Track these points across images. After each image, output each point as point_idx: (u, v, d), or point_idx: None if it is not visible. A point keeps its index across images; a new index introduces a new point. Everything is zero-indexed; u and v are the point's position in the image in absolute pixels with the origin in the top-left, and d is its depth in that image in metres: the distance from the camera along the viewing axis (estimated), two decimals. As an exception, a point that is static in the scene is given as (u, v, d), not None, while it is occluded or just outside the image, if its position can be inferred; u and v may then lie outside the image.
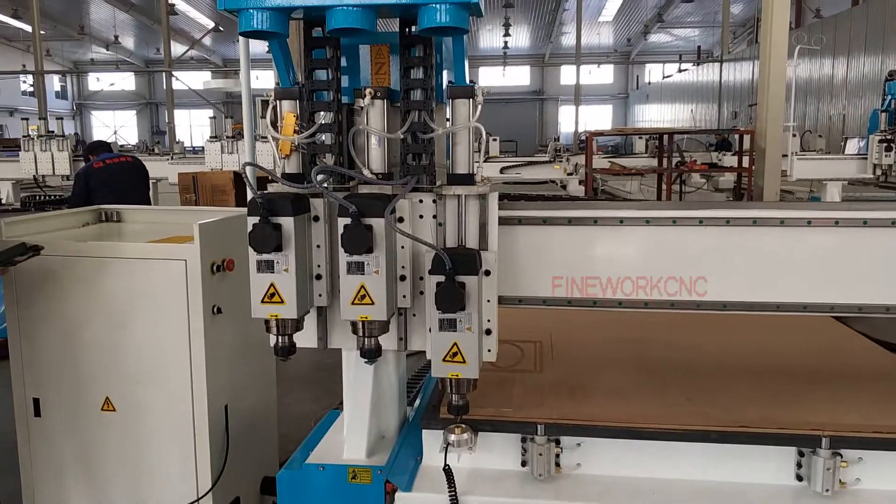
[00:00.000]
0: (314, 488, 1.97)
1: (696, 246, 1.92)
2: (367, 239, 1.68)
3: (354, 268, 1.71)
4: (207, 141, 9.85)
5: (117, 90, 37.03)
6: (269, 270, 1.73)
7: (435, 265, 1.69)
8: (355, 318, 1.75)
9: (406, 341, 1.92)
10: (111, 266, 2.72)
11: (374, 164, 1.80)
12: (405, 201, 1.78)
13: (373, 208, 1.69)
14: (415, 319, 1.89)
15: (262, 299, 1.76)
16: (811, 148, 12.12)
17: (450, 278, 1.67)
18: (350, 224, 1.68)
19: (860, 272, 1.89)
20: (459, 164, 1.76)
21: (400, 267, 1.81)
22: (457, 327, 1.70)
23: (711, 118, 27.13)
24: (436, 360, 1.73)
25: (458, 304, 1.67)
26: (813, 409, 1.92)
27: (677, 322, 2.67)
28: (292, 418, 4.31)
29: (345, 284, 1.73)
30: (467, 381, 1.76)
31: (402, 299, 1.82)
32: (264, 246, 1.71)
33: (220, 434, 2.80)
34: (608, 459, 1.87)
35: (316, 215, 1.82)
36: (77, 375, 2.81)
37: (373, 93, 1.76)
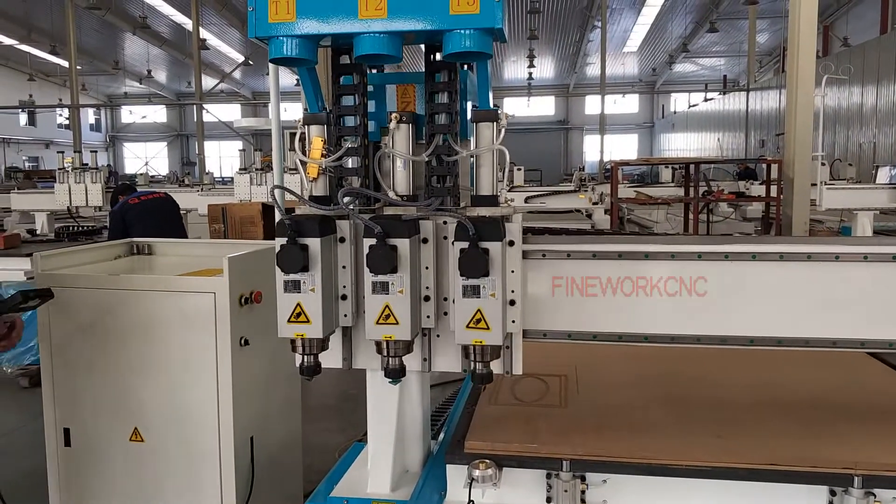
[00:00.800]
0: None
1: (723, 280, 1.90)
2: (391, 259, 1.71)
3: (379, 287, 1.74)
4: (237, 173, 10.04)
5: (149, 122, 38.04)
6: (295, 290, 1.77)
7: (458, 232, 1.71)
8: (380, 338, 1.78)
9: (430, 362, 1.93)
10: (142, 298, 2.78)
11: (400, 187, 1.85)
12: (429, 223, 1.81)
13: (398, 229, 1.73)
14: (439, 340, 1.91)
15: (289, 319, 1.79)
16: (841, 177, 11.94)
17: (473, 244, 1.68)
18: (375, 244, 1.72)
19: (891, 308, 1.85)
20: (483, 186, 1.80)
21: (424, 287, 1.83)
22: (480, 294, 1.71)
23: (738, 147, 26.92)
24: (459, 327, 1.74)
25: (481, 269, 1.68)
26: (845, 446, 1.88)
27: (705, 356, 2.64)
28: (317, 449, 4.31)
29: (369, 304, 1.76)
30: (491, 348, 1.76)
31: (427, 319, 1.84)
32: (291, 266, 1.74)
33: (246, 465, 2.82)
34: (635, 496, 1.85)
35: (342, 237, 1.85)
36: (107, 406, 2.86)
37: (398, 117, 1.81)
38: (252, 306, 2.81)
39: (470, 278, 1.70)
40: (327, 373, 6.49)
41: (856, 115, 19.25)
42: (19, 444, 4.92)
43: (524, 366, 2.56)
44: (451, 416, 2.37)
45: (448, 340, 1.88)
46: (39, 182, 14.35)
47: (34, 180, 15.12)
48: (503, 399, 2.30)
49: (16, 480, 4.34)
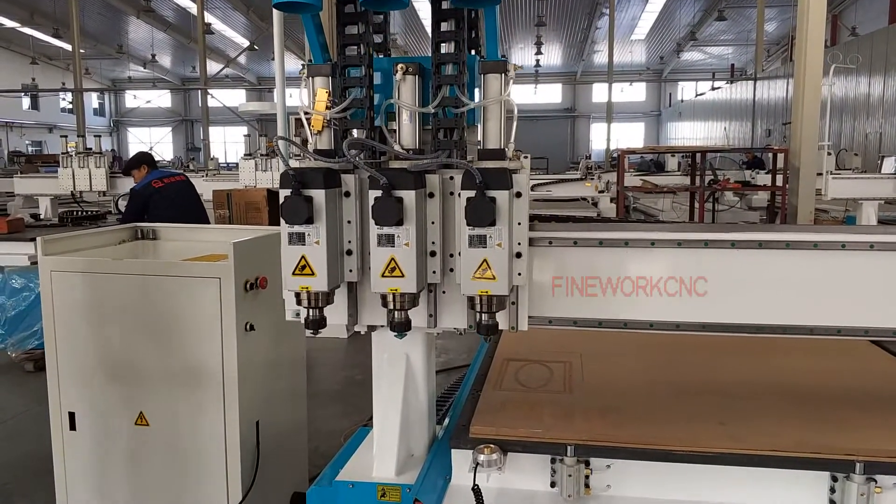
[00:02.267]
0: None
1: (729, 268, 1.91)
2: (397, 211, 1.69)
3: (385, 240, 1.73)
4: (242, 158, 10.05)
5: (153, 107, 37.96)
6: (300, 243, 1.76)
7: (465, 180, 1.69)
8: (385, 291, 1.76)
9: (436, 318, 1.92)
10: (147, 283, 2.79)
11: (406, 140, 1.81)
12: (436, 177, 1.79)
13: (404, 181, 1.71)
14: (444, 296, 1.90)
15: (294, 271, 1.78)
16: (847, 166, 11.89)
17: (480, 192, 1.67)
18: (381, 196, 1.70)
19: (895, 295, 1.86)
20: (490, 139, 1.76)
21: (430, 242, 1.81)
22: (487, 243, 1.70)
23: (745, 136, 26.79)
24: (465, 278, 1.73)
25: (488, 218, 1.67)
26: (848, 433, 1.88)
27: (709, 344, 2.65)
28: (322, 434, 4.35)
29: (375, 257, 1.75)
30: (497, 299, 1.75)
31: (433, 275, 1.83)
32: (296, 218, 1.73)
33: (252, 449, 2.84)
34: (638, 481, 1.86)
35: (347, 191, 1.83)
36: (112, 390, 2.88)
37: (405, 68, 1.78)
38: (257, 292, 2.82)
39: (476, 227, 1.69)
40: (333, 359, 6.58)
41: (862, 104, 19.12)
42: (25, 428, 4.96)
43: (529, 352, 2.60)
44: (457, 401, 2.38)
45: (454, 297, 1.88)
46: (43, 166, 14.35)
47: (37, 165, 15.11)
48: (508, 385, 2.31)
49: (22, 463, 4.39)
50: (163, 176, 6.40)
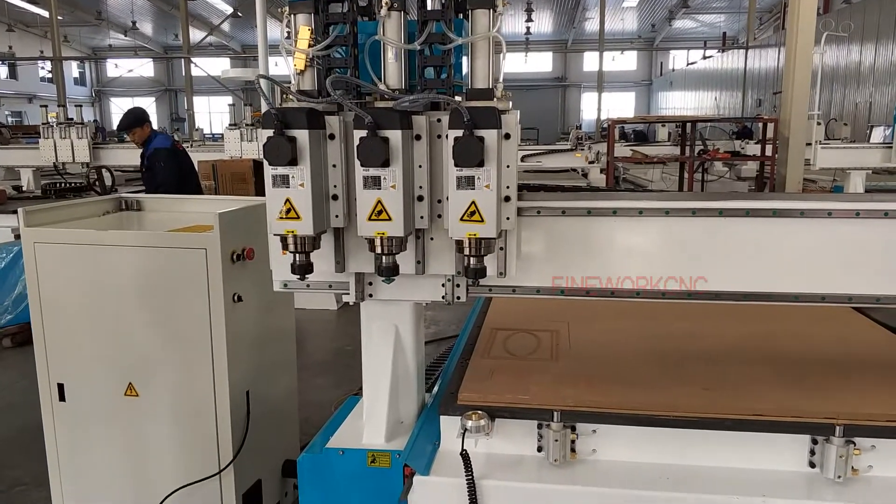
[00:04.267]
0: (334, 472, 2.00)
1: (716, 236, 1.92)
2: (383, 151, 1.65)
3: (371, 182, 1.69)
4: (227, 129, 9.92)
5: (136, 77, 37.30)
6: (284, 185, 1.71)
7: (452, 119, 1.65)
8: (372, 235, 1.73)
9: (424, 265, 1.90)
10: (132, 255, 2.77)
11: (391, 80, 1.75)
12: (422, 118, 1.74)
13: (390, 120, 1.66)
14: (433, 243, 1.88)
15: (279, 215, 1.75)
16: (836, 136, 11.92)
17: (468, 131, 1.63)
18: (366, 136, 1.66)
19: (879, 263, 1.88)
20: (478, 78, 1.71)
21: (417, 186, 1.77)
22: (475, 185, 1.66)
23: (735, 106, 26.74)
24: (453, 220, 1.70)
25: (476, 157, 1.63)
26: (828, 398, 1.92)
27: (694, 312, 2.68)
28: (313, 404, 4.38)
29: (361, 199, 1.71)
30: (485, 242, 1.72)
31: (420, 220, 1.80)
32: (279, 158, 1.68)
33: (242, 419, 2.86)
34: (623, 446, 1.89)
35: (332, 133, 1.78)
36: (100, 361, 2.87)
37: (389, 3, 1.70)
38: (244, 263, 2.81)
39: (464, 168, 1.65)
40: (324, 330, 6.60)
41: (853, 74, 19.09)
42: (14, 401, 4.97)
43: (517, 322, 2.61)
44: (445, 370, 2.40)
45: (442, 244, 1.86)
46: (24, 137, 14.11)
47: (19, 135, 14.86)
48: (496, 353, 2.33)
49: (12, 435, 4.40)
50: (171, 139, 6.38)
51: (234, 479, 2.84)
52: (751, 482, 1.79)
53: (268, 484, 3.12)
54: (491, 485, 1.82)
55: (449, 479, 1.83)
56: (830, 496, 1.75)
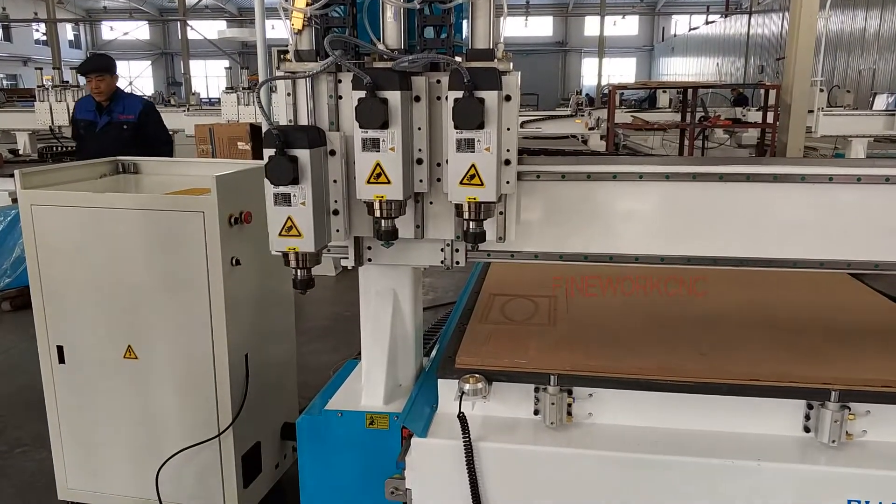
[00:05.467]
0: (333, 433, 2.02)
1: (715, 201, 1.91)
2: (382, 112, 1.63)
3: (370, 144, 1.67)
4: (223, 92, 9.81)
5: (131, 39, 36.68)
6: (286, 203, 1.71)
7: (452, 80, 1.62)
8: (370, 198, 1.72)
9: (423, 229, 1.90)
10: (129, 217, 2.75)
11: (390, 40, 1.73)
12: (422, 79, 1.71)
13: (389, 80, 1.64)
14: (432, 207, 1.87)
15: (280, 232, 1.74)
16: (839, 104, 11.81)
17: (468, 92, 1.60)
18: (365, 97, 1.63)
19: (878, 229, 1.87)
20: (479, 38, 1.68)
21: (416, 149, 1.75)
22: (475, 147, 1.63)
23: (737, 72, 26.45)
24: (452, 184, 1.68)
25: (476, 119, 1.60)
26: (824, 363, 1.93)
27: (693, 277, 2.68)
28: (312, 368, 4.41)
29: (360, 161, 1.69)
30: (484, 206, 1.70)
31: (419, 184, 1.78)
32: (281, 178, 1.68)
33: (241, 382, 2.88)
34: (619, 410, 1.90)
35: (332, 149, 1.79)
36: (99, 324, 2.88)
37: None
38: (242, 226, 2.79)
39: (464, 130, 1.62)
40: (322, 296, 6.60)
41: (857, 40, 18.84)
42: (15, 363, 5.00)
43: (515, 288, 2.61)
44: (444, 334, 2.41)
45: (441, 208, 1.85)
46: (19, 101, 13.94)
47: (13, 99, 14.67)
48: (494, 318, 2.34)
49: (15, 397, 4.44)
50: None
51: (233, 441, 2.87)
52: (746, 446, 1.80)
53: (267, 446, 3.16)
54: (487, 447, 1.84)
55: (446, 441, 1.84)
56: (824, 460, 1.76)
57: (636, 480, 1.80)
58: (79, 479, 3.09)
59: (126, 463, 3.01)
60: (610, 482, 1.82)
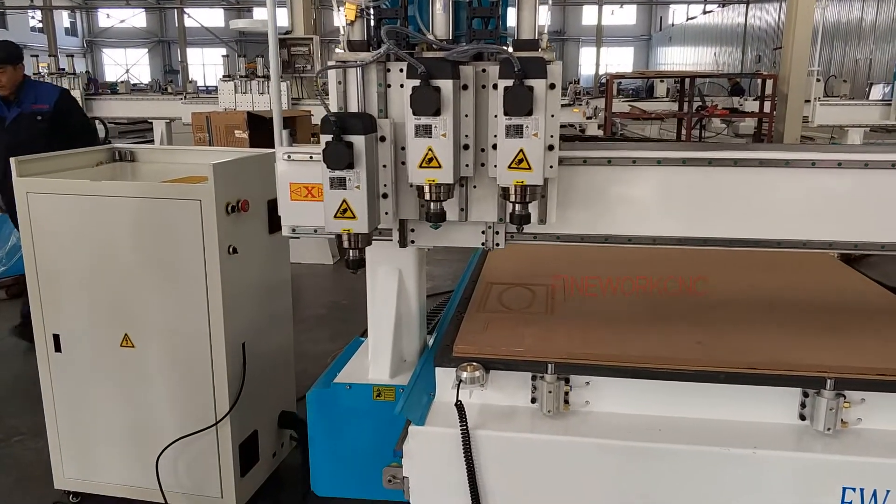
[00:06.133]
0: (341, 405, 2.11)
1: (705, 185, 1.98)
2: (435, 100, 1.70)
3: (422, 131, 1.74)
4: (220, 80, 9.77)
5: (128, 27, 36.46)
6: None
7: (503, 69, 1.69)
8: (422, 182, 1.79)
9: (467, 212, 1.96)
10: (126, 205, 2.75)
11: (438, 30, 1.80)
12: (469, 68, 1.78)
13: (442, 70, 1.71)
14: (475, 191, 1.94)
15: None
16: (835, 93, 11.80)
17: (519, 80, 1.66)
18: (419, 85, 1.70)
19: (858, 211, 1.96)
20: (524, 29, 1.74)
21: (463, 136, 1.82)
22: (523, 133, 1.71)
23: (735, 62, 26.40)
24: (501, 168, 1.75)
25: (526, 107, 1.67)
26: (820, 351, 1.94)
27: (688, 264, 2.71)
28: (310, 356, 4.42)
29: (412, 147, 1.76)
30: (530, 189, 1.77)
31: (465, 168, 1.85)
32: (337, 163, 1.75)
33: (238, 371, 2.88)
34: (616, 398, 1.91)
35: (382, 135, 1.86)
36: (95, 313, 2.88)
37: None
38: (239, 215, 2.79)
39: (514, 117, 1.69)
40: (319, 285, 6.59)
41: (854, 30, 18.81)
42: (10, 351, 4.99)
43: (512, 276, 2.62)
44: (442, 321, 2.41)
45: (484, 191, 1.93)
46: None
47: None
48: (491, 307, 2.34)
49: (10, 386, 4.45)
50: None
51: (230, 430, 2.88)
52: (742, 434, 1.81)
53: (264, 435, 3.17)
54: (485, 435, 1.84)
55: (444, 429, 1.85)
56: (819, 448, 1.77)
57: (633, 468, 1.81)
58: (76, 468, 3.10)
59: (123, 452, 3.02)
60: (607, 470, 1.82)
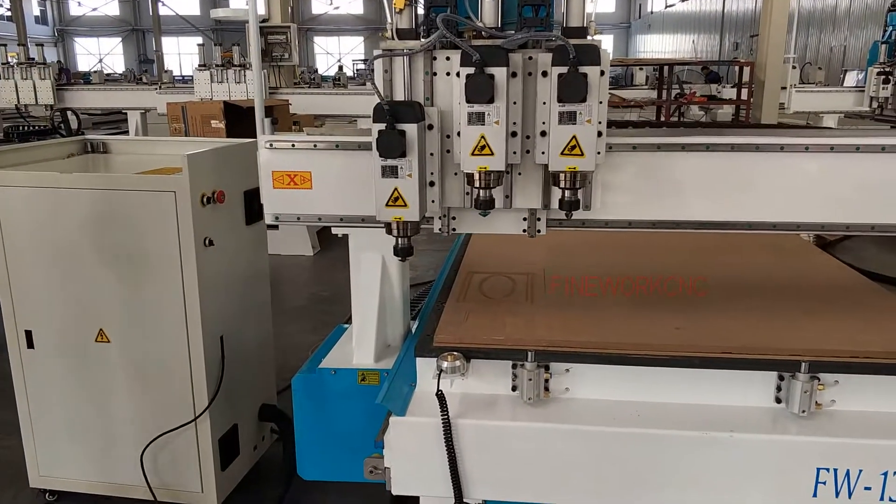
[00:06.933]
0: (327, 390, 2.14)
1: (679, 170, 1.99)
2: (490, 88, 1.70)
3: (475, 118, 1.74)
4: (196, 70, 9.63)
5: (101, 15, 35.80)
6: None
7: (558, 55, 1.69)
8: (474, 170, 1.78)
9: (511, 199, 1.96)
10: (99, 198, 2.70)
11: (487, 18, 1.78)
12: (518, 55, 1.77)
13: (496, 57, 1.70)
14: (520, 178, 1.93)
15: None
16: (811, 80, 11.93)
17: (573, 68, 1.67)
18: (474, 73, 1.70)
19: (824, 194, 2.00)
20: (573, 16, 1.75)
21: (511, 123, 1.80)
22: (577, 120, 1.71)
23: (713, 50, 26.57)
24: (553, 155, 1.75)
25: (581, 93, 1.68)
26: (795, 335, 1.96)
27: (664, 249, 2.75)
28: (290, 349, 4.39)
29: (465, 135, 1.76)
30: (582, 175, 1.79)
31: (513, 155, 1.84)
32: (390, 151, 1.75)
33: (217, 364, 2.86)
34: (596, 384, 1.92)
35: (430, 123, 1.85)
36: (68, 307, 2.83)
37: None
38: (215, 206, 2.75)
39: (567, 104, 1.69)
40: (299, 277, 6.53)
41: (829, 17, 18.99)
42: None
43: (493, 266, 2.63)
44: (422, 312, 2.41)
45: (529, 178, 1.92)
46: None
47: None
48: (472, 296, 2.34)
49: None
50: None
51: (209, 424, 2.85)
52: (720, 418, 1.83)
53: (244, 428, 3.15)
54: (466, 423, 1.84)
55: (425, 418, 1.84)
56: (795, 430, 1.80)
57: (612, 454, 1.82)
58: (51, 466, 3.06)
59: (99, 449, 2.98)
60: (587, 456, 1.84)
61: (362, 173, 2.10)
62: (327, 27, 38.31)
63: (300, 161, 2.09)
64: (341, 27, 38.33)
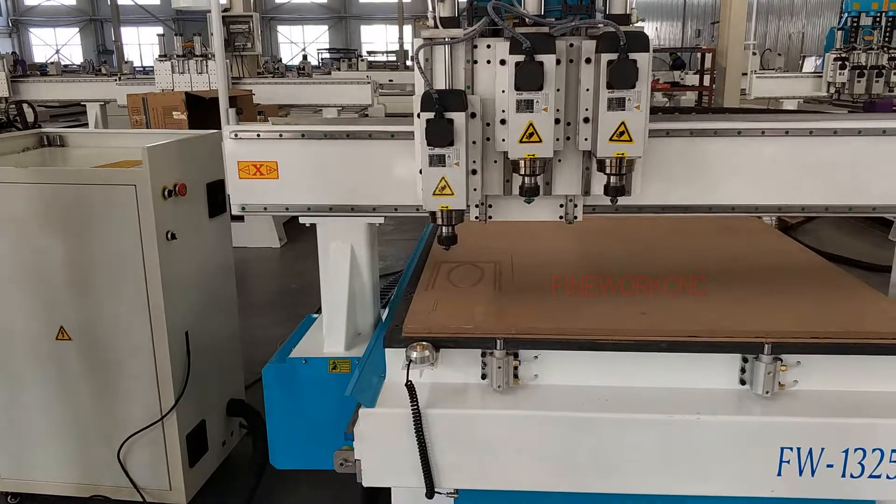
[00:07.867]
0: (298, 379, 2.14)
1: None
2: (539, 75, 1.70)
3: (524, 106, 1.73)
4: (157, 60, 9.41)
5: (57, 5, 34.76)
6: (440, 164, 1.77)
7: (606, 42, 1.69)
8: (522, 156, 1.78)
9: (552, 186, 1.96)
10: (57, 192, 2.62)
11: (530, 6, 1.78)
12: (563, 43, 1.77)
13: (545, 44, 1.70)
14: (560, 165, 1.92)
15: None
16: (770, 66, 12.15)
17: (623, 54, 1.66)
18: (524, 60, 1.69)
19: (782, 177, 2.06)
20: (616, 3, 1.75)
21: (555, 109, 1.80)
22: (626, 106, 1.71)
23: (675, 37, 26.86)
24: (602, 141, 1.75)
25: (631, 80, 1.68)
26: (758, 317, 2.00)
27: (628, 236, 2.77)
28: (259, 342, 4.34)
29: (513, 122, 1.75)
30: (628, 161, 1.80)
31: (556, 142, 1.83)
32: (440, 140, 1.74)
33: (182, 359, 2.81)
34: (564, 370, 1.94)
35: (473, 112, 1.83)
36: (27, 305, 2.75)
37: None
38: (177, 199, 2.69)
39: (617, 90, 1.69)
40: (267, 269, 6.46)
41: (787, 5, 19.33)
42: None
43: (461, 255, 2.62)
44: (393, 302, 2.40)
45: (569, 165, 1.93)
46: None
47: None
48: (440, 285, 2.34)
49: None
50: None
51: (177, 421, 2.81)
52: (686, 401, 1.86)
53: (212, 424, 3.10)
54: (436, 413, 1.84)
55: (395, 409, 1.84)
56: (758, 411, 1.84)
57: (582, 439, 1.84)
58: (13, 468, 2.98)
59: (64, 449, 2.91)
60: (557, 441, 1.85)
61: (329, 162, 2.08)
62: (291, 16, 37.75)
63: (266, 151, 2.08)
64: (305, 16, 37.80)
